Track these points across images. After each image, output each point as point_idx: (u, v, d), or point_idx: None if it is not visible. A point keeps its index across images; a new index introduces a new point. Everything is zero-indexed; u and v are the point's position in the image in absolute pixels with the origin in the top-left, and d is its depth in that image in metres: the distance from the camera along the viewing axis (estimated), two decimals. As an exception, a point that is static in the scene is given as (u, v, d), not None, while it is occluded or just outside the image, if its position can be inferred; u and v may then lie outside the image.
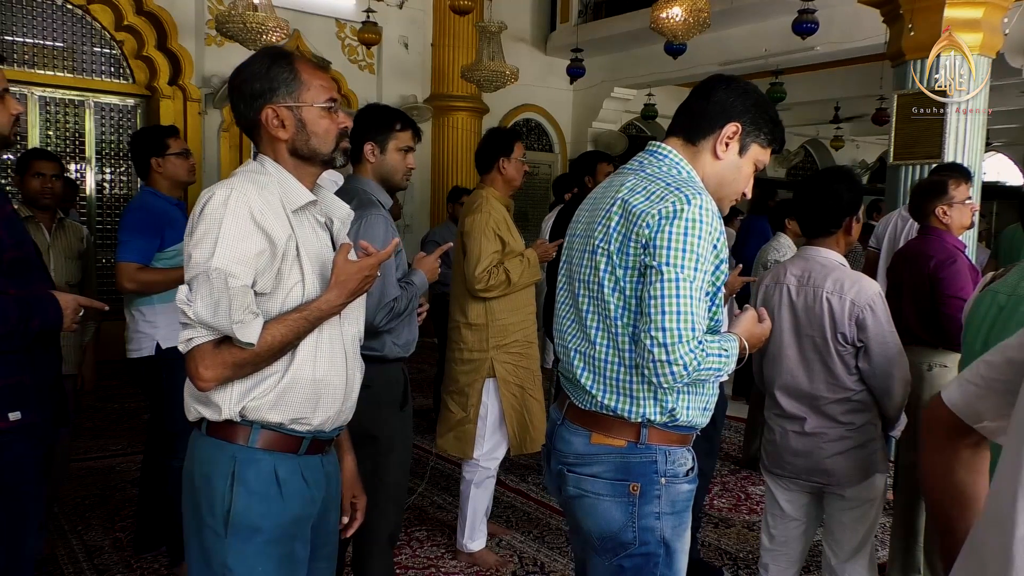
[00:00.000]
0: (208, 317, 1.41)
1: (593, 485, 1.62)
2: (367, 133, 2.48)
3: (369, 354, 2.39)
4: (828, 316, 2.23)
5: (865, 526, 2.33)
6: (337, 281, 1.51)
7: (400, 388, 2.51)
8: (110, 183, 7.48)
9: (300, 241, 1.50)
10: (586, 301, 1.62)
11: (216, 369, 1.43)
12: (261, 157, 1.57)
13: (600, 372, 1.60)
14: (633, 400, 1.57)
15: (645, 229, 1.49)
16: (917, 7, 4.73)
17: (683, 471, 1.63)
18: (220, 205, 1.43)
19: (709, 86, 1.66)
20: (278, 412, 1.49)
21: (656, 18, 5.72)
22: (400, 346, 2.48)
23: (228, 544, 1.47)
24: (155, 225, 2.90)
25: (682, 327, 1.44)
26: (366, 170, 2.51)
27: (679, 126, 1.67)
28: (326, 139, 1.56)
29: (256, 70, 1.54)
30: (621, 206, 1.56)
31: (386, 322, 2.36)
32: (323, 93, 1.55)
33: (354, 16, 8.18)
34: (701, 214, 1.48)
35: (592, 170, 4.37)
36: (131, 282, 2.85)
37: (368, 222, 2.33)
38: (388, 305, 2.36)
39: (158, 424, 3.06)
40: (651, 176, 1.58)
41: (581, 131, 10.29)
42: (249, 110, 1.55)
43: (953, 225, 2.90)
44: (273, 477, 1.50)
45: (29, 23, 6.97)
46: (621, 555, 1.60)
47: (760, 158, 1.67)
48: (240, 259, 1.41)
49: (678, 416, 1.59)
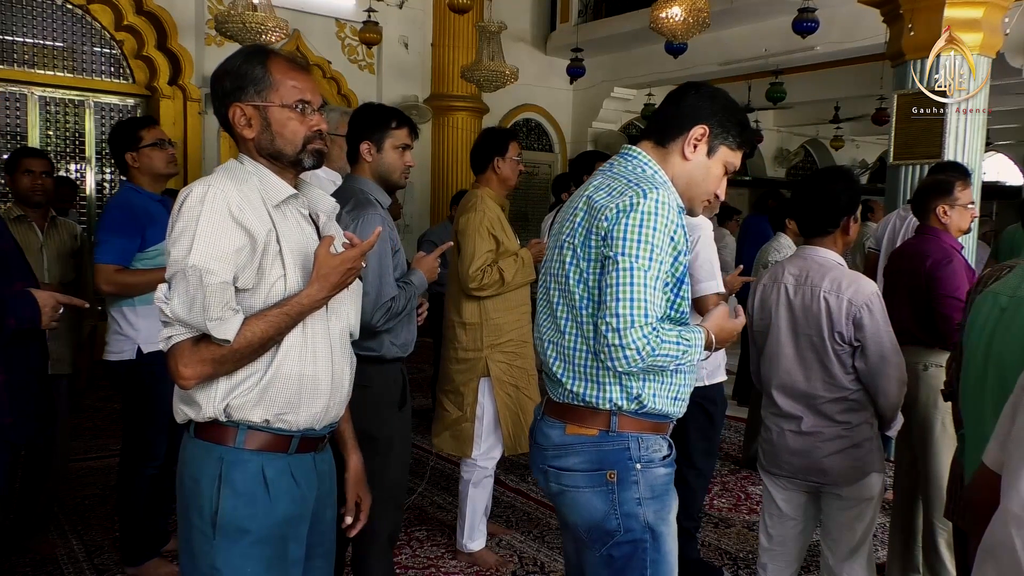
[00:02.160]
0: (184, 314, 1.41)
1: (571, 479, 1.66)
2: (362, 132, 2.47)
3: (367, 354, 2.37)
4: (825, 315, 2.23)
5: (862, 525, 2.33)
6: (319, 274, 1.49)
7: (399, 388, 2.50)
8: (110, 183, 7.48)
9: (282, 235, 1.49)
10: (556, 293, 1.68)
11: (195, 367, 1.42)
12: (241, 155, 1.57)
13: (569, 360, 1.65)
14: (599, 386, 1.62)
15: (604, 222, 1.56)
16: (917, 7, 4.73)
17: (658, 456, 1.67)
18: (197, 202, 1.42)
19: (680, 92, 1.74)
20: (261, 408, 1.48)
21: (656, 18, 5.72)
22: (398, 346, 2.47)
23: (216, 546, 1.48)
24: (135, 224, 2.77)
25: (635, 313, 1.50)
26: (364, 170, 2.49)
27: (651, 130, 1.75)
28: (292, 140, 1.53)
29: (228, 67, 1.53)
30: (586, 202, 1.64)
31: (384, 322, 2.35)
32: (294, 93, 1.52)
33: (354, 16, 8.19)
34: (656, 207, 1.54)
35: (590, 169, 4.34)
36: (109, 284, 2.72)
37: (364, 221, 2.31)
38: (386, 305, 2.34)
39: (134, 430, 2.95)
40: (616, 175, 1.66)
41: (581, 131, 10.29)
42: (221, 107, 1.54)
43: (951, 226, 2.90)
44: (260, 478, 1.49)
45: (29, 23, 6.98)
46: (609, 544, 1.64)
47: (730, 160, 1.73)
48: (218, 256, 1.40)
49: (645, 403, 1.63)
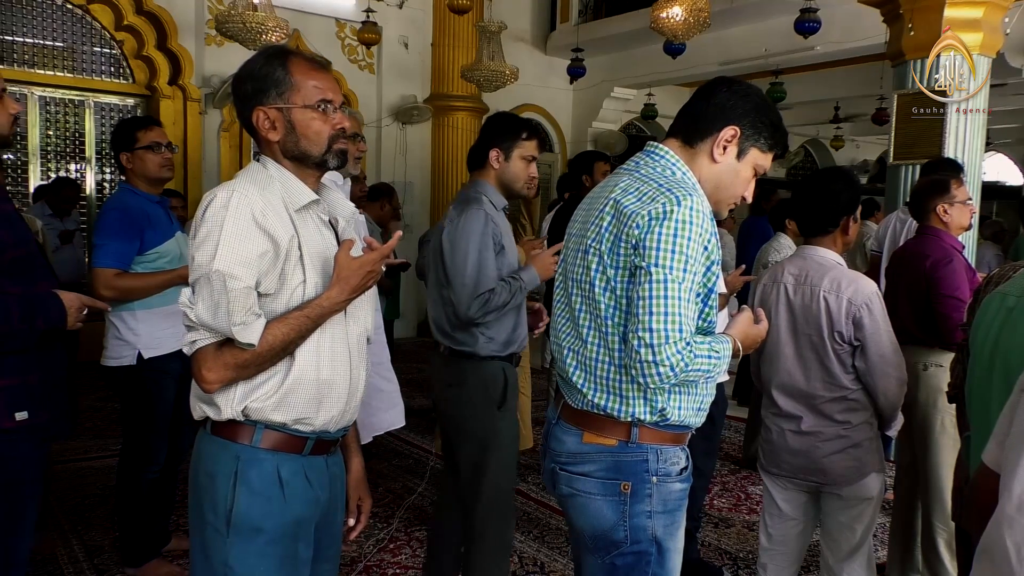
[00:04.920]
0: (208, 319, 1.41)
1: (584, 484, 1.62)
2: (493, 139, 2.49)
3: (460, 349, 2.43)
4: (825, 315, 2.23)
5: (862, 525, 2.33)
6: (339, 277, 1.50)
7: (499, 387, 2.46)
8: (110, 183, 7.48)
9: (303, 240, 1.50)
10: (579, 300, 1.63)
11: (219, 371, 1.43)
12: (263, 158, 1.57)
13: (591, 371, 1.60)
14: (623, 399, 1.58)
15: (635, 230, 1.49)
16: (917, 7, 4.73)
17: (675, 470, 1.63)
18: (221, 207, 1.43)
19: (711, 88, 1.66)
20: (281, 413, 1.49)
21: (656, 18, 5.72)
22: (496, 344, 2.45)
23: (230, 543, 1.48)
24: (133, 226, 2.74)
25: (669, 328, 1.44)
26: (489, 175, 2.51)
27: (678, 128, 1.67)
28: (317, 141, 1.53)
29: (249, 71, 1.53)
30: (613, 206, 1.56)
31: (480, 314, 2.35)
32: (316, 94, 1.52)
33: (354, 16, 8.19)
34: (691, 215, 1.47)
35: (589, 169, 4.38)
36: (108, 289, 2.67)
37: (467, 216, 2.37)
38: (483, 297, 2.35)
39: (135, 435, 2.93)
40: (644, 177, 1.59)
41: (581, 131, 10.29)
42: (244, 111, 1.54)
43: (952, 225, 2.90)
44: (276, 478, 1.50)
45: (29, 23, 6.98)
46: (613, 553, 1.61)
47: (760, 163, 1.65)
48: (242, 261, 1.41)
49: (669, 416, 1.59)
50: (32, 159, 7.06)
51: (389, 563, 3.19)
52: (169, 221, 2.92)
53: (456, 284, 2.37)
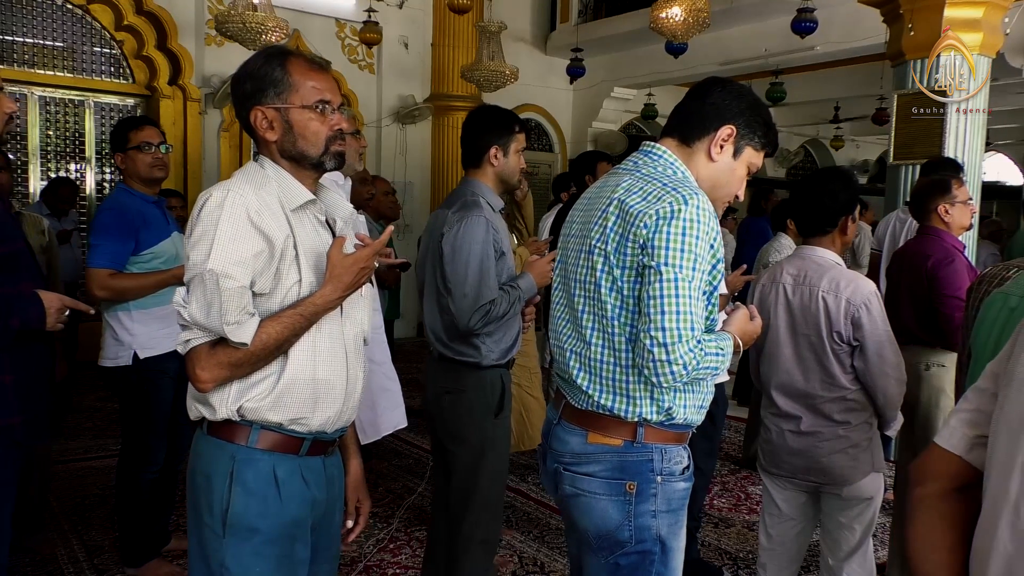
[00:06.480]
0: (201, 318, 1.41)
1: (589, 484, 1.62)
2: (491, 136, 2.48)
3: (465, 360, 2.41)
4: (824, 315, 2.23)
5: (862, 525, 2.33)
6: (332, 275, 1.49)
7: (496, 395, 2.46)
8: (110, 183, 7.47)
9: (299, 240, 1.50)
10: (582, 301, 1.63)
11: (212, 370, 1.43)
12: (260, 158, 1.57)
13: (596, 372, 1.60)
14: (630, 400, 1.58)
15: (643, 229, 1.49)
16: (917, 7, 4.73)
17: (679, 469, 1.64)
18: (216, 207, 1.43)
19: (705, 88, 1.67)
20: (277, 413, 1.49)
21: (656, 18, 5.72)
22: (497, 352, 2.44)
23: (226, 544, 1.48)
24: (128, 226, 2.73)
25: (682, 327, 1.45)
26: (486, 174, 2.49)
27: (674, 127, 1.68)
28: (314, 141, 1.53)
29: (248, 70, 1.53)
30: (618, 206, 1.56)
31: (481, 325, 2.33)
32: (314, 94, 1.52)
33: (354, 16, 8.19)
34: (698, 214, 1.48)
35: (592, 169, 4.38)
36: (103, 289, 2.68)
37: (468, 223, 2.34)
38: (484, 308, 2.32)
39: (133, 435, 2.93)
40: (647, 176, 1.59)
41: (581, 131, 10.29)
42: (242, 111, 1.54)
43: (953, 224, 2.90)
44: (272, 478, 1.50)
45: (29, 23, 6.97)
46: (617, 553, 1.61)
47: (753, 161, 1.68)
48: (236, 260, 1.41)
49: (675, 415, 1.59)
50: (32, 159, 7.06)
51: (389, 563, 3.19)
52: (166, 221, 2.91)
53: (456, 295, 2.33)
